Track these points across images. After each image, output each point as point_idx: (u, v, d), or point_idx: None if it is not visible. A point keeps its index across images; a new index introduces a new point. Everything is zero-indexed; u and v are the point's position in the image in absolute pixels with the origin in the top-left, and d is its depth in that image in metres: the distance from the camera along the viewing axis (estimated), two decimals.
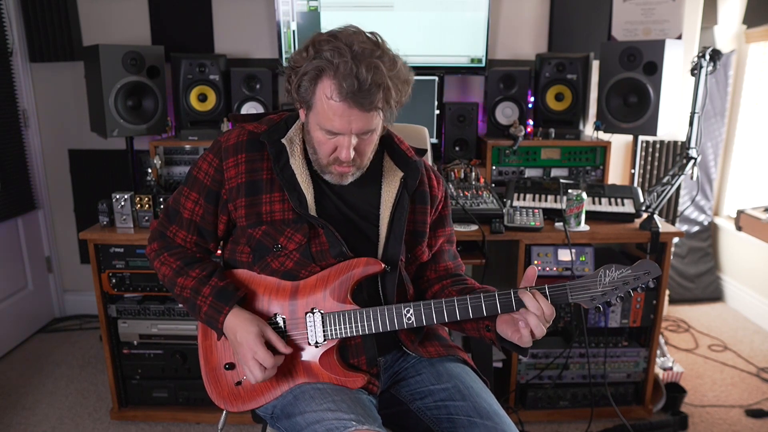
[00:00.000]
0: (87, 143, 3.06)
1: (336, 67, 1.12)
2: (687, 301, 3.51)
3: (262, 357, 1.21)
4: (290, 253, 1.28)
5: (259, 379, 1.22)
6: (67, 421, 2.37)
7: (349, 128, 1.17)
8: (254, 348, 1.21)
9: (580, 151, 2.65)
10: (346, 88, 1.12)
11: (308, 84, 1.17)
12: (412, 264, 1.41)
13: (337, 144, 1.21)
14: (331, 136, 1.20)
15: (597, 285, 1.17)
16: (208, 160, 1.32)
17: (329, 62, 1.13)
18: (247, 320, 1.25)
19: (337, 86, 1.13)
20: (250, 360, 1.22)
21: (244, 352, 1.22)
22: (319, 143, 1.23)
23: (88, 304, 3.24)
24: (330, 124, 1.17)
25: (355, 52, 1.13)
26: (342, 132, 1.18)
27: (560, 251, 2.20)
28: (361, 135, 1.20)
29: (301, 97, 1.20)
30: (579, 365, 2.34)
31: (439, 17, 2.71)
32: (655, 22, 2.85)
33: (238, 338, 1.23)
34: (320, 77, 1.15)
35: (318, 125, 1.20)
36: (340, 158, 1.21)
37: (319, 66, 1.14)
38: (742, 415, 2.43)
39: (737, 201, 3.45)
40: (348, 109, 1.14)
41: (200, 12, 2.90)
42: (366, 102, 1.13)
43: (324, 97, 1.15)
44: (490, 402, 1.28)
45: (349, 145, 1.19)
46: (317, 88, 1.16)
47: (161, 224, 1.39)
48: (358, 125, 1.17)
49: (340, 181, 1.28)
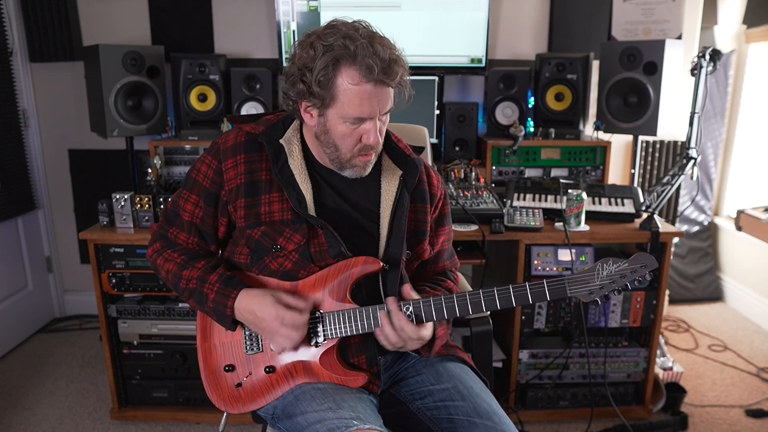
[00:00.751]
0: (87, 143, 3.06)
1: (354, 53, 1.13)
2: (687, 301, 3.51)
3: (290, 319, 1.21)
4: (289, 254, 1.28)
5: (296, 341, 1.22)
6: (67, 421, 2.37)
7: (377, 110, 1.19)
8: (280, 314, 1.21)
9: (580, 151, 2.65)
10: (371, 69, 1.13)
11: (327, 78, 1.16)
12: (414, 262, 1.41)
13: (362, 132, 1.21)
14: (357, 124, 1.20)
15: (595, 279, 1.18)
16: (207, 162, 1.31)
17: (344, 49, 1.14)
18: (258, 294, 1.24)
19: (361, 70, 1.14)
20: (280, 328, 1.21)
21: (270, 323, 1.21)
22: (342, 137, 1.22)
23: (88, 304, 3.24)
24: (359, 110, 1.17)
25: (364, 35, 1.15)
26: (371, 116, 1.19)
27: (560, 251, 2.20)
28: (382, 116, 1.22)
29: (318, 95, 1.18)
30: (579, 365, 2.34)
31: (439, 17, 2.71)
32: (655, 22, 2.85)
33: (259, 314, 1.22)
34: (339, 67, 1.15)
35: (342, 118, 1.19)
36: (369, 144, 1.21)
37: (336, 56, 1.14)
38: (742, 415, 2.43)
39: (737, 201, 3.45)
40: (374, 89, 1.16)
41: (200, 12, 2.90)
42: (391, 78, 1.15)
43: (348, 85, 1.15)
44: (489, 402, 1.28)
45: (377, 128, 1.21)
46: (337, 79, 1.16)
47: (161, 227, 1.38)
48: (383, 105, 1.19)
49: (362, 173, 1.28)
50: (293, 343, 1.23)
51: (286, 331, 1.21)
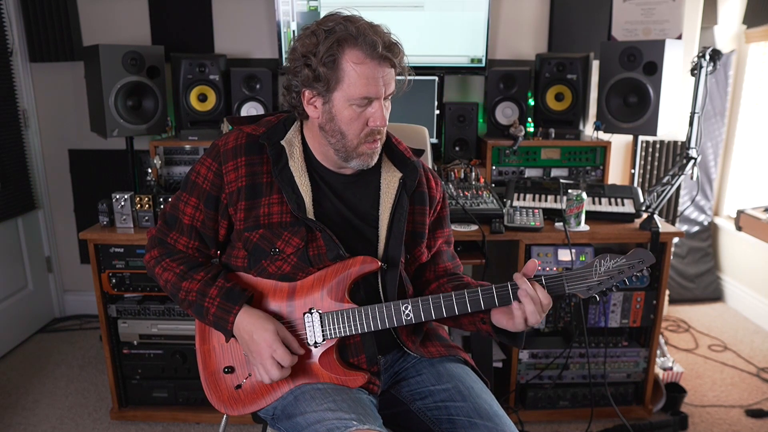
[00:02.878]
0: (87, 143, 3.06)
1: (356, 34, 1.17)
2: (687, 301, 3.51)
3: (281, 356, 1.20)
4: (287, 257, 1.28)
5: (275, 378, 1.22)
6: (67, 421, 2.37)
7: (382, 89, 1.20)
8: (274, 346, 1.20)
9: (580, 151, 2.65)
10: (374, 46, 1.16)
11: (332, 58, 1.18)
12: (412, 265, 1.41)
13: (368, 116, 1.22)
14: (363, 106, 1.21)
15: (593, 275, 1.18)
16: (207, 165, 1.31)
17: (346, 31, 1.17)
18: (262, 318, 1.24)
19: (365, 49, 1.17)
20: (267, 359, 1.21)
21: (261, 350, 1.21)
22: (349, 122, 1.22)
23: (88, 304, 3.24)
24: (365, 90, 1.19)
25: (359, 18, 1.20)
26: (377, 96, 1.20)
27: (560, 251, 2.20)
28: (387, 99, 1.24)
29: (324, 78, 1.19)
30: (579, 365, 2.34)
31: (439, 17, 2.71)
32: (655, 22, 2.85)
33: (255, 337, 1.22)
34: (343, 49, 1.17)
35: (348, 100, 1.20)
36: (377, 125, 1.23)
37: (339, 37, 1.17)
38: (742, 415, 2.43)
39: (737, 201, 3.44)
40: (379, 67, 1.18)
41: (200, 12, 2.90)
42: (394, 55, 1.19)
43: (353, 65, 1.18)
44: (490, 403, 1.28)
45: (382, 108, 1.22)
46: (342, 61, 1.18)
47: (160, 231, 1.37)
48: (388, 85, 1.22)
49: (369, 162, 1.28)
50: (271, 378, 1.22)
51: (271, 364, 1.21)
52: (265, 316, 1.25)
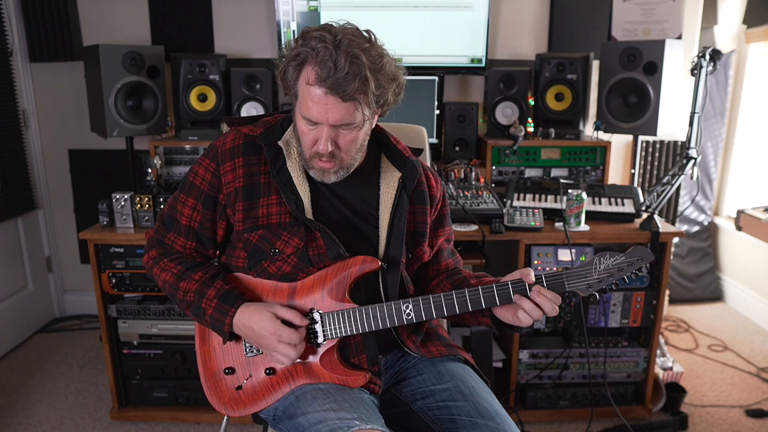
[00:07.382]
0: (87, 143, 3.06)
1: (316, 54, 1.14)
2: (687, 301, 3.51)
3: (287, 336, 1.20)
4: (287, 257, 1.28)
5: (293, 358, 1.22)
6: (67, 421, 2.37)
7: (326, 117, 1.17)
8: (277, 331, 1.20)
9: (580, 151, 2.65)
10: (322, 74, 1.13)
11: (293, 71, 1.19)
12: (414, 264, 1.41)
13: (317, 135, 1.21)
14: (312, 126, 1.20)
15: (593, 273, 1.19)
16: (205, 165, 1.31)
17: (312, 49, 1.15)
18: (256, 310, 1.24)
19: (315, 72, 1.14)
20: (277, 345, 1.21)
21: (268, 340, 1.21)
22: (302, 133, 1.23)
23: (88, 304, 3.24)
24: (308, 112, 1.18)
25: (339, 41, 1.14)
26: (319, 121, 1.18)
27: (560, 251, 2.20)
28: (341, 128, 1.20)
29: (287, 85, 1.22)
30: (579, 365, 2.34)
31: (439, 17, 2.71)
32: (655, 22, 2.85)
33: (256, 330, 1.22)
34: (303, 64, 1.17)
35: (300, 114, 1.21)
36: (318, 150, 1.21)
37: (302, 53, 1.16)
38: (742, 415, 2.43)
39: (737, 201, 3.45)
40: (324, 96, 1.15)
41: (200, 12, 2.90)
42: (340, 90, 1.13)
43: (305, 84, 1.17)
44: (491, 402, 1.28)
45: (327, 136, 1.19)
46: (300, 76, 1.18)
47: (158, 232, 1.37)
48: (335, 115, 1.17)
49: (323, 177, 1.27)
50: (291, 359, 1.23)
51: (283, 348, 1.21)
52: (258, 307, 1.25)
